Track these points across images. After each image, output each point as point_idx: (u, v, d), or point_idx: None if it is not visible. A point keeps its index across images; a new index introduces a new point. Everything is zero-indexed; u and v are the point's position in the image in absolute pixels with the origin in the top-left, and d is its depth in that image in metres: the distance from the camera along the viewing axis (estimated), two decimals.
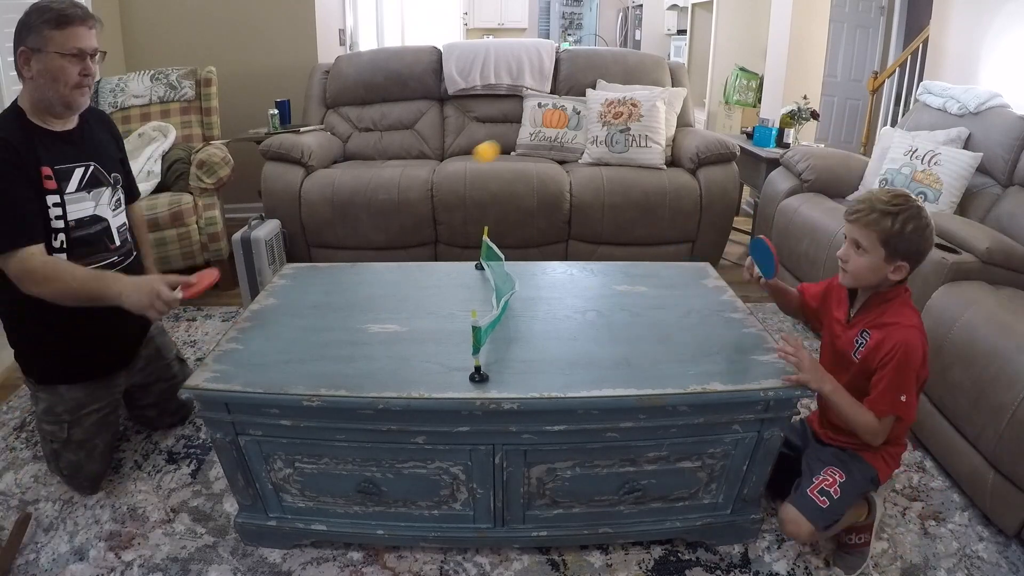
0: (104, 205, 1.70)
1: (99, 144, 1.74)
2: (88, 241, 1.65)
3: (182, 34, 3.75)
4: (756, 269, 1.61)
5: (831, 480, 1.45)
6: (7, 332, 1.70)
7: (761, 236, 1.61)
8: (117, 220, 1.75)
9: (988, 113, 2.54)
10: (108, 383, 1.77)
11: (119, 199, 1.77)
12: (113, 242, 1.72)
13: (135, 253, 1.83)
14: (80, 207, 1.63)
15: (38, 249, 1.50)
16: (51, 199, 1.56)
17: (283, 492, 1.52)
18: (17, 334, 1.69)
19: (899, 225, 1.34)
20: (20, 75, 1.54)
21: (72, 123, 1.66)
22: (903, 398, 1.37)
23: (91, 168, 1.66)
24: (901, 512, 1.70)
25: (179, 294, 1.51)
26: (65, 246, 1.60)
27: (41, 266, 1.48)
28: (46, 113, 1.59)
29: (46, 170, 1.55)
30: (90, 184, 1.66)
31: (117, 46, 3.69)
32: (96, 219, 1.67)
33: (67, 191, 1.60)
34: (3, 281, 1.52)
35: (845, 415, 1.42)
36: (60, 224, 1.58)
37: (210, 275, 1.61)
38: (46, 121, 1.59)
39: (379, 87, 3.57)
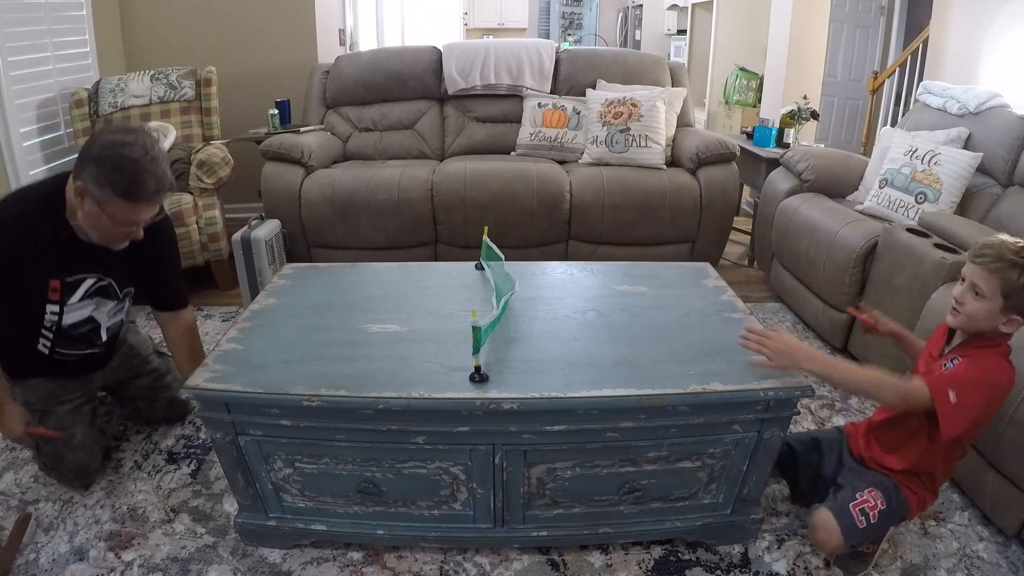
0: (102, 312, 1.68)
1: (124, 258, 1.59)
2: (74, 338, 1.65)
3: (182, 34, 3.75)
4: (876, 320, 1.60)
5: (873, 503, 1.41)
6: None
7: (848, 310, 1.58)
8: (110, 320, 1.71)
9: (988, 113, 2.54)
10: (83, 379, 1.78)
11: (123, 307, 1.74)
12: (100, 339, 1.71)
13: (115, 350, 1.84)
14: (78, 314, 1.62)
15: None
16: (51, 307, 1.56)
17: (283, 492, 1.52)
18: None
19: None
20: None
21: None
22: (952, 396, 1.27)
23: (103, 282, 1.63)
24: None
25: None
26: (49, 343, 1.61)
27: None
28: None
29: (54, 283, 1.54)
30: (96, 294, 1.63)
31: (117, 46, 3.69)
32: (89, 320, 1.66)
33: (69, 302, 1.58)
34: None
35: (855, 386, 1.38)
36: (50, 328, 1.58)
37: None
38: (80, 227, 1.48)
39: (379, 87, 3.57)
